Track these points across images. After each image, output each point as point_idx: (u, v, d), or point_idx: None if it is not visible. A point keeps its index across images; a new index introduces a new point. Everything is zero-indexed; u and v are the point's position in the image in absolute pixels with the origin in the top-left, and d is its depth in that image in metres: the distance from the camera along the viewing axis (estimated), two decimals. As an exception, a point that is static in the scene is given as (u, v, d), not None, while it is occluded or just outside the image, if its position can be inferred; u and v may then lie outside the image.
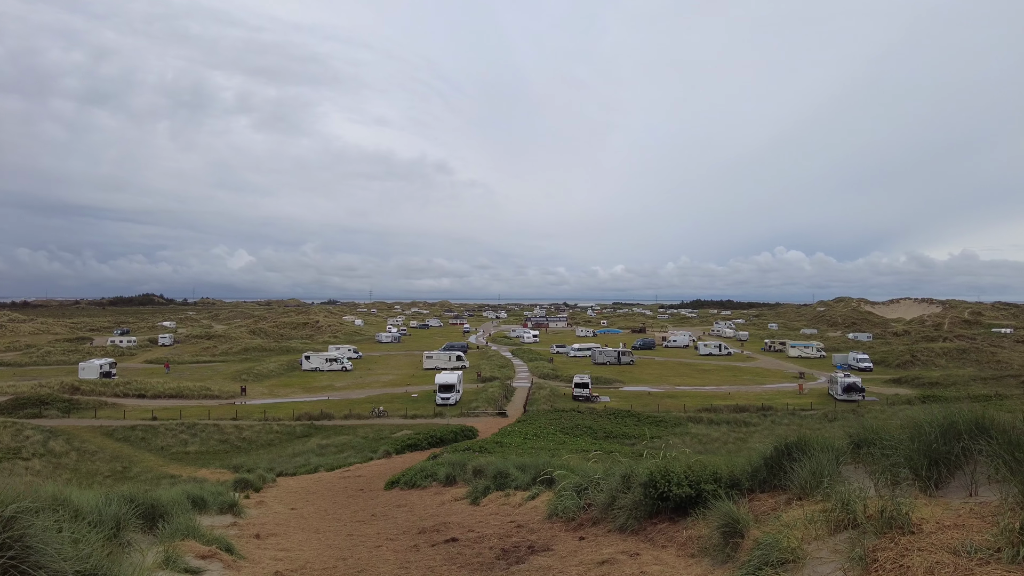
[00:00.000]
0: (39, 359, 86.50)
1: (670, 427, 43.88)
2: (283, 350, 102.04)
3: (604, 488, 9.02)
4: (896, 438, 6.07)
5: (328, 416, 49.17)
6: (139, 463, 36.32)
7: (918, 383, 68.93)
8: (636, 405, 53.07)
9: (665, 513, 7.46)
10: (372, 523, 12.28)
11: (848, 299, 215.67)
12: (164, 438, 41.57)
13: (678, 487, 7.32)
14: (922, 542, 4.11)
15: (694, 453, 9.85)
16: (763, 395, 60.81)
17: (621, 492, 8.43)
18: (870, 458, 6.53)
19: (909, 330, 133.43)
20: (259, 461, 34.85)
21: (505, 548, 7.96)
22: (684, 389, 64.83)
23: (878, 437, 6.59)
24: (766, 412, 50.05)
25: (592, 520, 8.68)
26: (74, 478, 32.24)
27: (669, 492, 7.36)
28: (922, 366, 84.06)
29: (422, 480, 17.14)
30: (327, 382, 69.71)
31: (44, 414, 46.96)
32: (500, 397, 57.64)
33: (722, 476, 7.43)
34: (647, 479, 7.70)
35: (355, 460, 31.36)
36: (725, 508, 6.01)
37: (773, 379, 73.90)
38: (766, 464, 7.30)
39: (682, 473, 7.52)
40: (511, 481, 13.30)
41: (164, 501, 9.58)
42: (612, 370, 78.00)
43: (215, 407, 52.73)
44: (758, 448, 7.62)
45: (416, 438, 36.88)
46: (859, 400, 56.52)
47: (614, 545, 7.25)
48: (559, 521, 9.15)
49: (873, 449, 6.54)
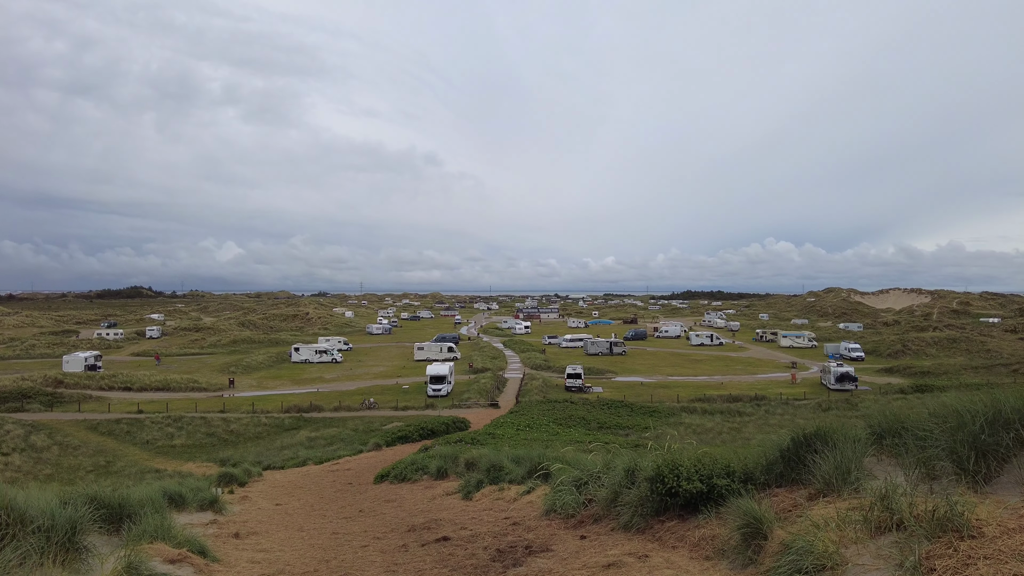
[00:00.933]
0: (22, 352, 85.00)
1: (664, 417, 43.54)
2: (272, 342, 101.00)
3: (606, 483, 8.47)
4: (931, 428, 5.53)
5: (318, 408, 48.49)
6: (124, 457, 35.51)
7: (909, 372, 69.10)
8: (629, 395, 52.73)
9: (674, 510, 6.91)
10: (359, 520, 11.69)
11: (838, 289, 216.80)
12: (150, 431, 40.74)
13: (688, 482, 6.77)
14: (987, 548, 3.54)
15: (700, 445, 9.32)
16: (756, 385, 60.71)
17: (625, 487, 7.88)
18: (897, 450, 6.00)
19: (899, 320, 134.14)
20: (246, 454, 34.17)
21: (500, 548, 7.39)
22: (677, 379, 64.64)
23: (907, 427, 6.07)
24: (759, 402, 49.88)
25: (593, 517, 8.13)
26: (56, 473, 31.45)
27: (678, 487, 6.80)
28: (913, 355, 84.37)
29: (412, 473, 16.56)
30: (317, 374, 68.95)
31: (26, 408, 45.93)
32: (492, 388, 57.14)
33: (735, 470, 6.88)
34: (653, 473, 7.14)
35: (344, 453, 30.75)
36: (745, 505, 5.45)
37: (765, 369, 73.88)
38: (783, 456, 6.76)
39: (691, 467, 6.97)
40: (505, 474, 12.75)
41: (134, 500, 8.94)
42: (604, 360, 77.71)
43: (202, 400, 51.89)
44: (772, 439, 7.08)
45: (407, 430, 36.29)
46: (852, 389, 56.51)
47: (619, 545, 6.70)
48: (557, 518, 8.60)
49: (901, 440, 6.02)
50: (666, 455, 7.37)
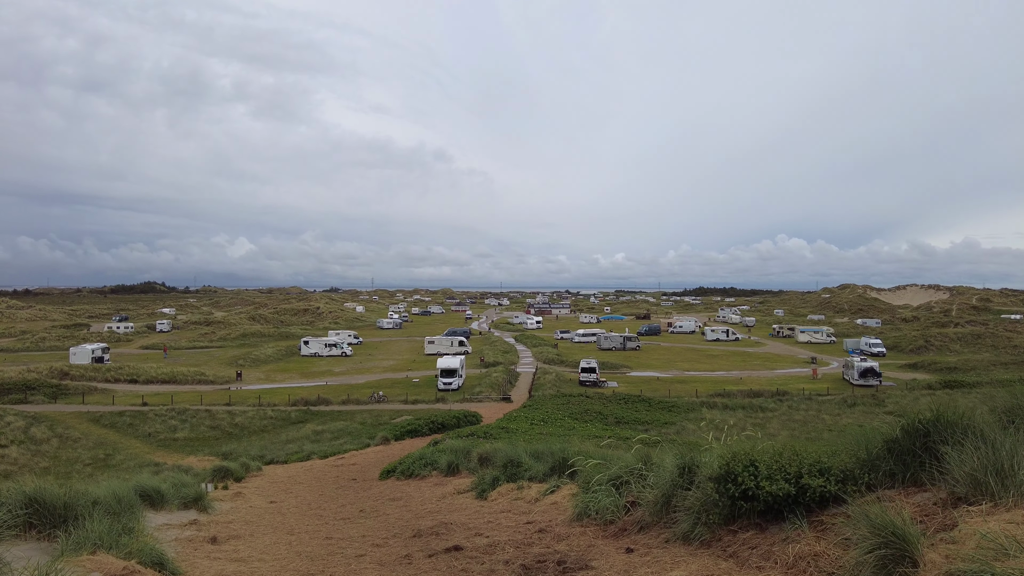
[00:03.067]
0: (32, 345, 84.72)
1: (683, 412, 41.90)
2: (282, 336, 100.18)
3: (653, 482, 6.95)
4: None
5: (325, 401, 47.30)
6: (124, 450, 34.42)
7: (935, 368, 66.88)
8: (645, 390, 51.09)
9: (749, 517, 5.37)
10: (359, 522, 10.25)
11: (853, 286, 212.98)
12: (153, 424, 39.67)
13: (770, 482, 5.24)
14: None
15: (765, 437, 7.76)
16: (776, 380, 58.82)
17: (681, 488, 6.36)
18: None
19: (918, 316, 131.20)
20: (250, 448, 33.01)
21: (526, 564, 5.89)
22: (694, 374, 62.87)
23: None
24: (782, 397, 48.07)
25: (639, 524, 6.60)
26: (52, 466, 30.40)
27: (756, 489, 5.27)
28: (936, 351, 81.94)
29: (421, 469, 15.15)
30: (326, 367, 67.84)
31: (30, 399, 45.10)
32: (504, 382, 55.71)
33: (830, 467, 5.33)
34: (721, 471, 5.62)
35: (351, 447, 29.47)
36: (876, 514, 3.93)
37: (784, 364, 71.91)
38: (890, 450, 5.22)
39: (772, 463, 5.44)
40: (524, 471, 11.29)
41: (89, 499, 7.56)
42: (618, 355, 76.01)
43: (209, 392, 50.86)
44: (880, 428, 5.52)
45: (416, 424, 34.95)
46: (876, 385, 54.52)
47: (682, 563, 5.18)
48: (592, 524, 7.09)
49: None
50: (738, 446, 5.86)
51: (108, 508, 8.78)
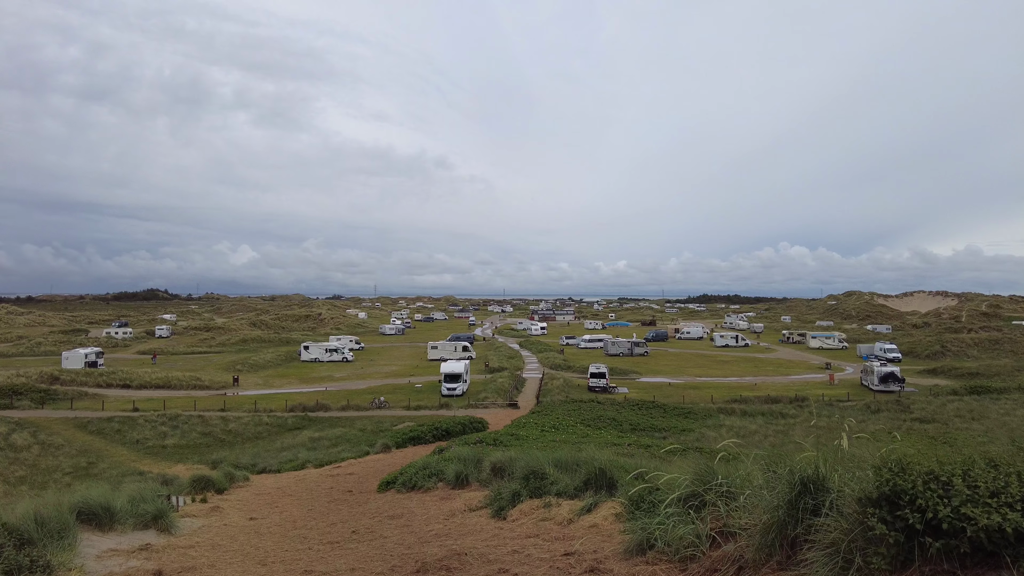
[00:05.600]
0: (27, 350, 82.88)
1: (700, 419, 39.81)
2: (282, 341, 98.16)
3: (749, 502, 5.02)
4: None
5: (324, 407, 45.30)
6: (108, 457, 32.43)
7: (955, 374, 64.68)
8: (658, 396, 48.99)
9: (938, 562, 3.47)
10: (349, 547, 8.31)
11: (859, 293, 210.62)
12: (142, 430, 37.66)
13: (984, 509, 3.34)
14: None
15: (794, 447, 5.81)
16: (792, 386, 56.68)
17: (802, 513, 4.43)
18: None
19: (928, 322, 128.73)
20: (242, 455, 31.02)
21: (586, 628, 3.97)
22: (705, 380, 60.74)
23: None
24: (801, 403, 45.94)
25: (736, 564, 4.63)
26: (30, 475, 28.46)
27: (957, 519, 3.39)
28: (953, 357, 79.71)
29: (425, 480, 13.20)
30: (326, 373, 65.87)
31: (16, 405, 43.12)
32: (510, 388, 53.64)
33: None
34: (881, 490, 3.74)
35: (349, 455, 27.48)
36: None
37: (797, 370, 69.74)
38: None
39: (980, 479, 3.57)
40: (550, 484, 9.32)
41: None
42: (626, 361, 73.92)
43: (203, 398, 48.90)
44: None
45: (419, 430, 32.93)
46: (898, 390, 52.34)
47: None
48: (663, 561, 5.12)
49: None
50: (910, 454, 3.93)
51: (22, 535, 6.90)
